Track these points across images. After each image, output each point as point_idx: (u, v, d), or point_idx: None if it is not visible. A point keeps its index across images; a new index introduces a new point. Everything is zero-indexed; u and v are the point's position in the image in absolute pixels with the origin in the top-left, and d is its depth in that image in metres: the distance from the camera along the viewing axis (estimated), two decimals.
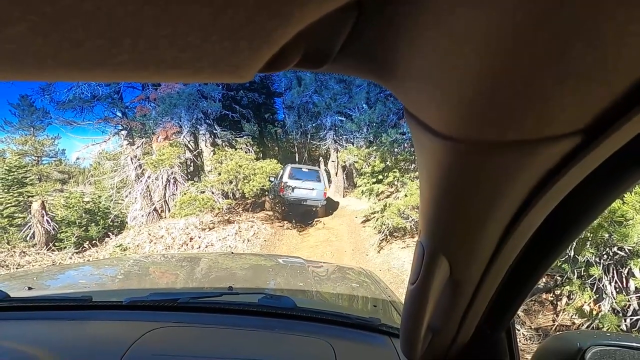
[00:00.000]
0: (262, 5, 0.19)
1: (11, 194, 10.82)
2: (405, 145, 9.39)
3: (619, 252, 3.33)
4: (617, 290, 3.39)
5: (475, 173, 0.34)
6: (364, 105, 11.94)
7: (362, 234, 8.99)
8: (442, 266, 0.48)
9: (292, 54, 0.27)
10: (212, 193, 9.72)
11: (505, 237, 0.43)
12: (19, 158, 14.17)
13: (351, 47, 0.30)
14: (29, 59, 0.22)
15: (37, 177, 16.19)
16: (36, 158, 18.46)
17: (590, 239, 3.27)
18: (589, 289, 3.44)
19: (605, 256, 3.41)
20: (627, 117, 0.27)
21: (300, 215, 9.94)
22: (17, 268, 7.26)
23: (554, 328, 3.68)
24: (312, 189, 9.67)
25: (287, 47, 0.24)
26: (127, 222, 11.22)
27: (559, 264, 3.56)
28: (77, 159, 12.90)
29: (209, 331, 1.05)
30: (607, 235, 3.20)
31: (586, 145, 0.30)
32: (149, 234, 8.98)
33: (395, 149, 9.52)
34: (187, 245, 8.45)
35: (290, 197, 9.67)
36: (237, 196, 10.97)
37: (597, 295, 3.46)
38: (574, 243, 3.39)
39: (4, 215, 10.11)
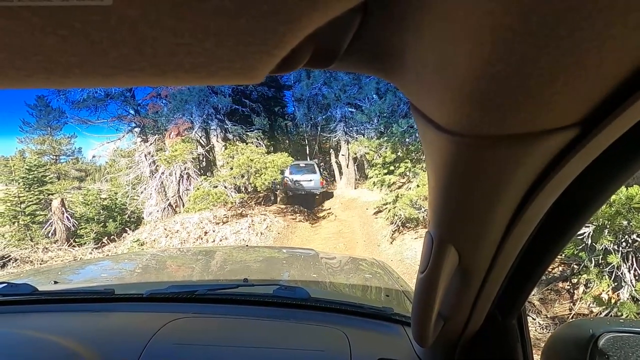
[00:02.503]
0: (274, 11, 0.21)
1: (32, 192, 11.18)
2: (417, 135, 9.28)
3: (638, 239, 3.25)
4: (637, 277, 3.32)
5: (479, 165, 0.35)
6: (374, 95, 11.83)
7: (374, 225, 8.99)
8: (451, 255, 0.50)
9: (301, 55, 0.28)
10: (225, 187, 9.84)
11: (511, 226, 0.44)
12: (38, 157, 14.60)
13: (357, 46, 0.31)
14: (57, 69, 0.24)
15: (55, 175, 16.65)
16: (54, 157, 18.95)
17: (608, 227, 3.20)
18: (607, 277, 3.38)
19: (624, 243, 3.34)
20: (621, 108, 0.28)
21: (304, 200, 11.73)
22: (40, 263, 7.54)
23: (570, 317, 3.64)
24: (310, 180, 11.67)
25: (297, 49, 0.25)
26: (143, 218, 11.49)
27: (575, 252, 3.50)
28: (93, 156, 13.21)
29: (226, 321, 1.09)
30: (625, 222, 3.13)
31: (584, 137, 0.31)
32: (165, 229, 9.17)
33: (407, 139, 9.43)
34: (202, 239, 8.61)
35: (293, 189, 11.59)
36: (249, 190, 11.09)
37: (616, 284, 3.40)
38: (591, 231, 3.32)
39: (27, 213, 10.46)
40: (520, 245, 0.49)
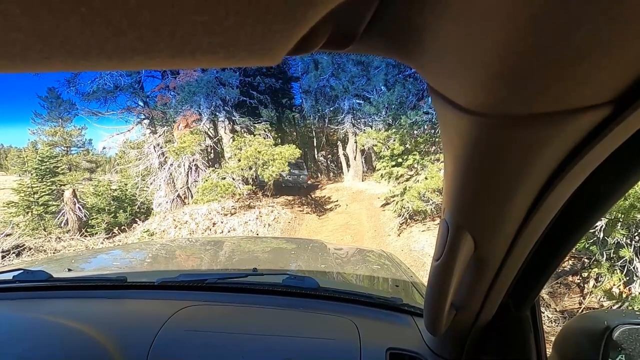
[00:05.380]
0: None
1: (45, 182, 11.40)
2: (425, 127, 9.19)
3: None
4: None
5: (502, 147, 0.34)
6: (382, 87, 11.70)
7: (381, 217, 8.99)
8: (467, 243, 0.49)
9: (320, 35, 0.27)
10: (233, 179, 9.90)
11: (531, 213, 0.42)
12: (50, 149, 14.86)
13: (376, 27, 0.30)
14: (76, 51, 0.23)
15: (67, 166, 16.89)
16: (65, 148, 19.19)
17: (621, 220, 3.15)
18: (618, 271, 3.34)
19: (637, 237, 3.28)
20: None
21: (293, 191, 13.17)
22: (53, 253, 7.71)
23: (580, 311, 3.61)
24: (299, 176, 13.35)
25: (316, 28, 0.24)
26: (152, 209, 11.65)
27: (587, 245, 3.46)
28: (104, 148, 13.35)
29: (236, 309, 1.10)
30: (639, 216, 3.08)
31: (615, 117, 0.30)
32: (174, 220, 9.29)
33: (415, 131, 9.33)
34: (210, 230, 8.70)
35: (285, 181, 12.96)
36: (257, 182, 11.16)
37: (628, 278, 3.36)
38: (604, 224, 3.27)
39: (40, 204, 10.68)
40: (538, 235, 0.48)
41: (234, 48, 0.24)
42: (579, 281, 3.98)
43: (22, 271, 1.21)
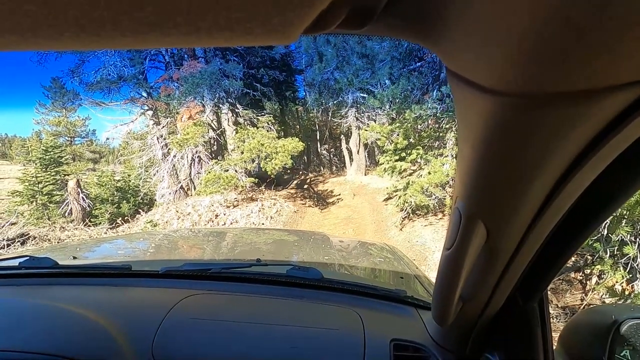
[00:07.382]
0: None
1: (49, 172, 11.45)
2: (430, 121, 9.12)
3: None
4: None
5: (526, 130, 0.33)
6: (386, 81, 11.59)
7: (384, 212, 8.99)
8: (479, 232, 0.48)
9: (337, 13, 0.26)
10: (236, 171, 9.90)
11: (547, 202, 0.41)
12: (54, 138, 14.91)
13: (395, 6, 0.29)
14: (90, 25, 0.23)
15: (71, 156, 16.98)
16: (69, 138, 19.28)
17: (626, 217, 3.13)
18: (622, 268, 3.33)
19: None
20: None
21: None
22: (58, 242, 7.78)
23: (582, 307, 3.61)
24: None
25: (334, 4, 0.24)
26: (155, 200, 11.70)
27: (590, 242, 3.45)
28: (107, 139, 13.34)
29: (240, 299, 1.11)
30: None
31: None
32: (177, 211, 9.33)
33: (419, 126, 9.26)
34: (212, 222, 8.74)
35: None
36: (260, 174, 11.17)
37: (631, 275, 3.35)
38: (608, 221, 3.26)
39: (44, 193, 10.74)
40: (552, 225, 0.46)
41: (251, 24, 0.23)
42: (581, 278, 3.98)
43: (28, 258, 1.22)
